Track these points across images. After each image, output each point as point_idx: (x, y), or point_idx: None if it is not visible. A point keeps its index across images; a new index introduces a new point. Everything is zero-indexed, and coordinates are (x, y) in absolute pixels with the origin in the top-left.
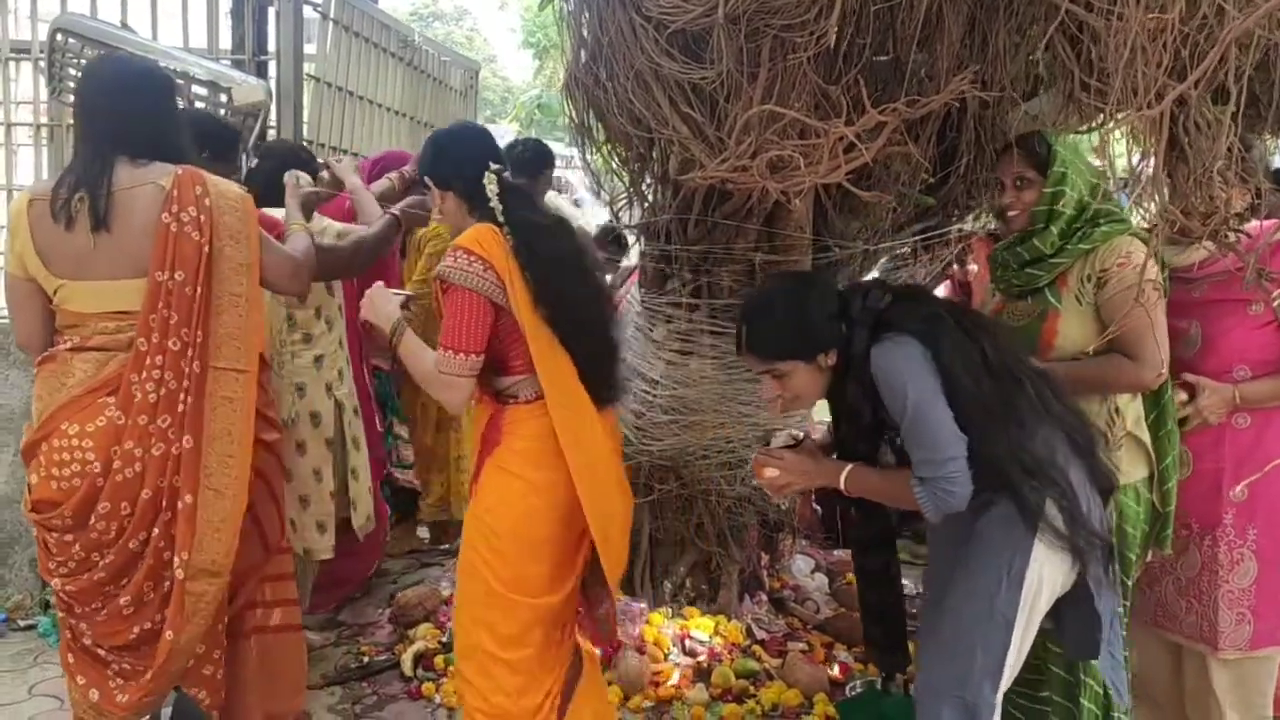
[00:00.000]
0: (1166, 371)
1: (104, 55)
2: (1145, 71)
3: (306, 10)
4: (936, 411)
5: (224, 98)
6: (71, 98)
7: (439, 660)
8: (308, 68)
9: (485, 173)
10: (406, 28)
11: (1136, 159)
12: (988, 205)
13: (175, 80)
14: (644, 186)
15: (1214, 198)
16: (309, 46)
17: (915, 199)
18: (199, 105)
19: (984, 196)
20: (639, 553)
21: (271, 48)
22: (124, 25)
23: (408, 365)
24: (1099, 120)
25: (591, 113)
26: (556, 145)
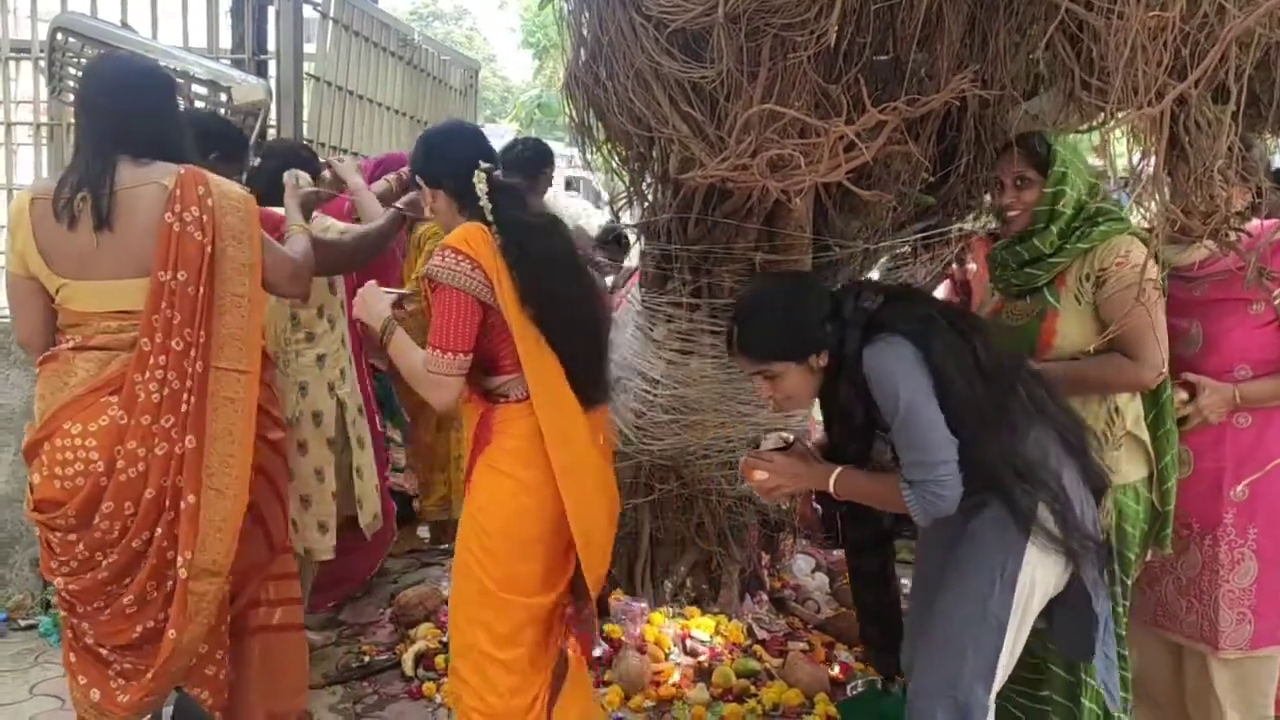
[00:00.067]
0: (1166, 371)
1: (105, 55)
2: (1146, 70)
3: (306, 9)
4: (928, 413)
5: (224, 97)
6: (71, 97)
7: (440, 660)
8: (308, 67)
9: (475, 171)
10: (406, 27)
11: (1137, 158)
12: (988, 205)
13: (176, 80)
14: (644, 186)
15: (1214, 197)
16: (309, 46)
17: (915, 198)
18: (199, 104)
19: (984, 196)
20: (639, 552)
21: (271, 47)
22: (124, 24)
23: (397, 364)
24: (1099, 119)
25: (591, 112)
26: (557, 145)
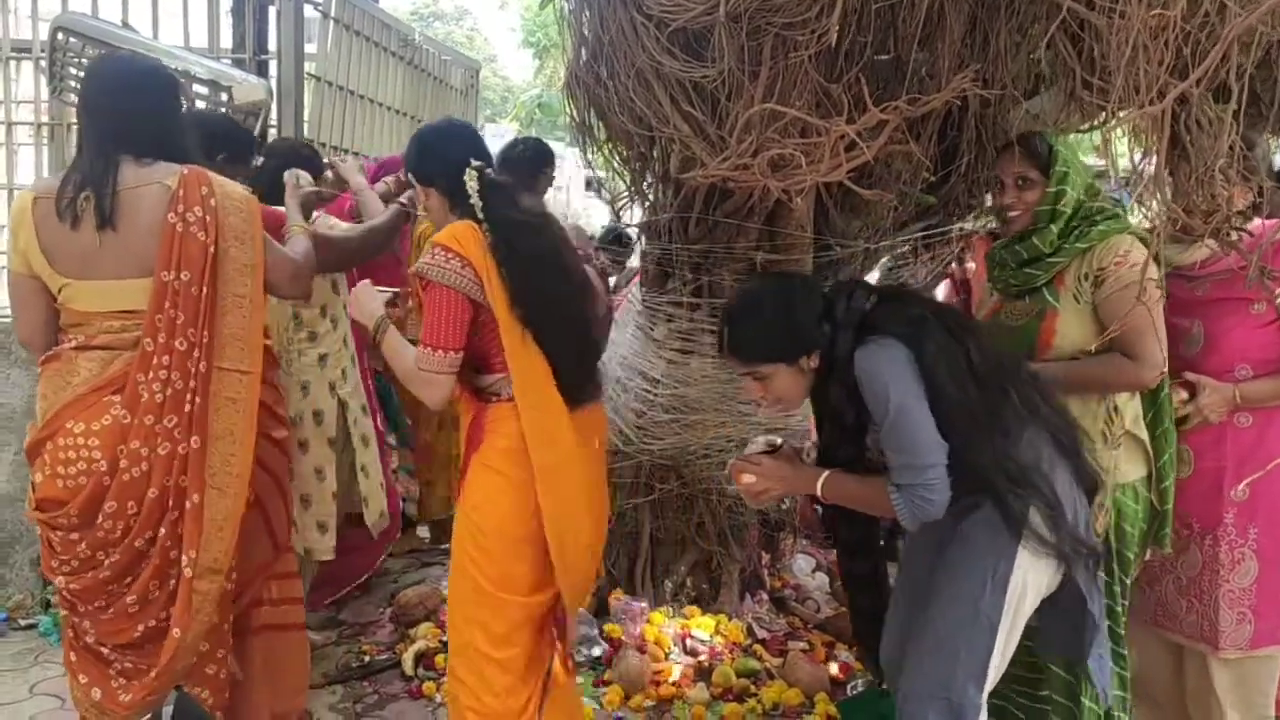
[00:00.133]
0: (1166, 370)
1: (107, 55)
2: (1147, 69)
3: (307, 9)
4: (918, 416)
5: (225, 96)
6: (72, 97)
7: (440, 659)
8: (308, 67)
9: (467, 170)
10: (407, 27)
11: (1138, 157)
12: (989, 204)
13: (179, 79)
14: (645, 185)
15: (1216, 196)
16: (310, 45)
17: (916, 198)
18: (200, 104)
19: (985, 195)
20: (640, 552)
21: (272, 47)
22: (125, 24)
23: (390, 363)
24: (1101, 118)
25: (592, 111)
26: (557, 145)
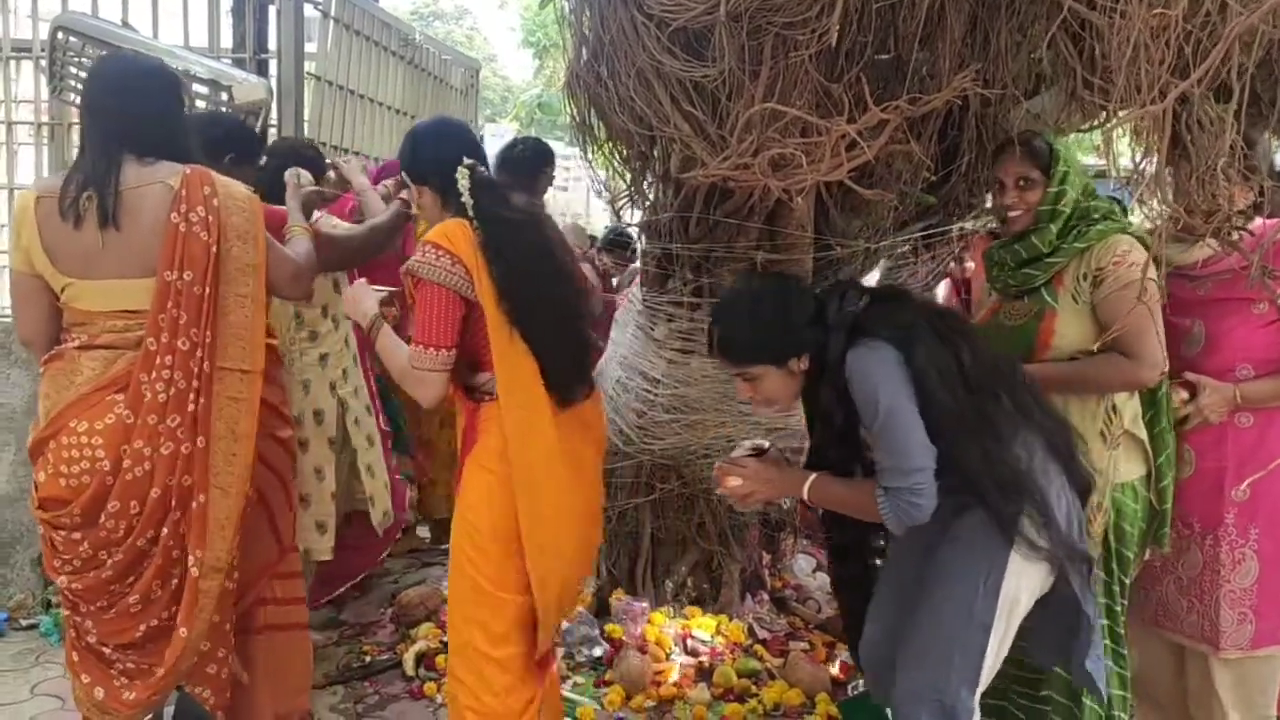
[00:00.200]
0: (1166, 369)
1: (110, 54)
2: (1148, 69)
3: (307, 9)
4: (907, 420)
5: (225, 96)
6: (73, 96)
7: (440, 660)
8: (309, 66)
9: (459, 168)
10: (407, 26)
11: (1139, 156)
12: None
13: (182, 79)
14: (645, 185)
15: (1217, 195)
16: (310, 45)
17: (917, 197)
18: (200, 104)
19: (985, 195)
20: (640, 552)
21: (272, 46)
22: (125, 24)
23: (385, 362)
24: (1101, 118)
25: (593, 111)
26: (557, 144)
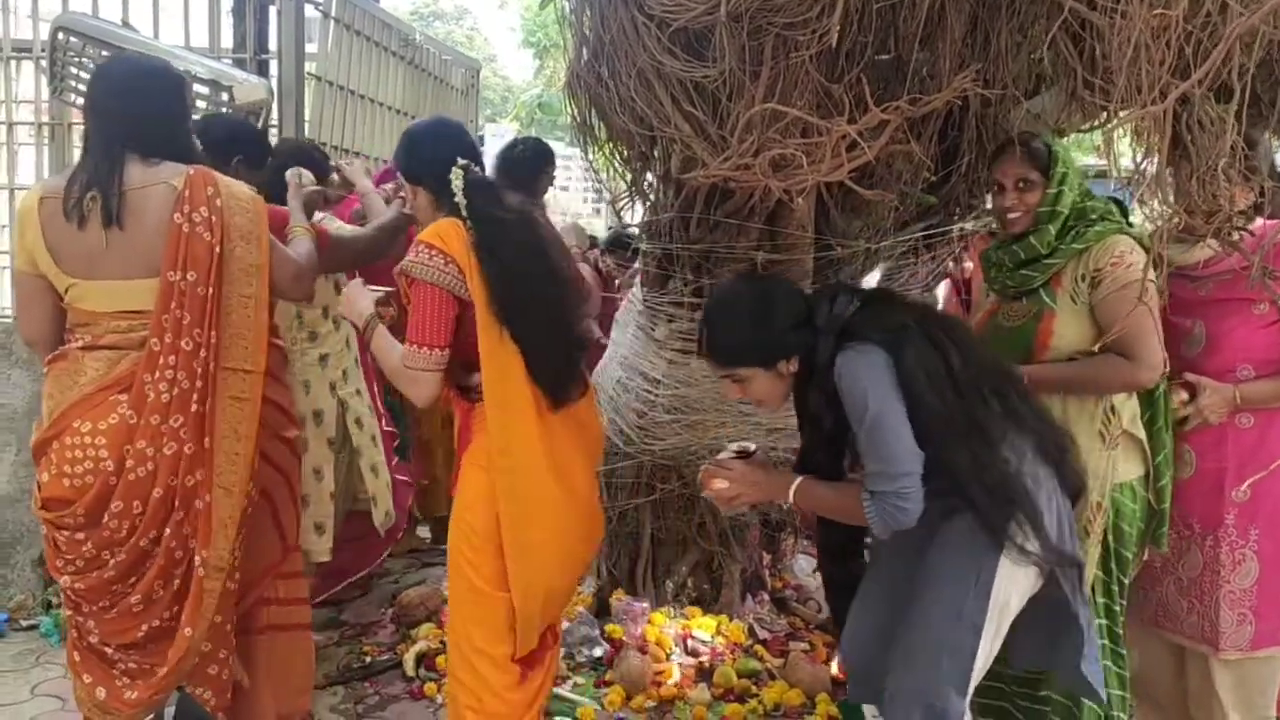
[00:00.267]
0: (1166, 370)
1: (115, 55)
2: (1149, 69)
3: (308, 9)
4: (895, 424)
5: (225, 96)
6: (73, 96)
7: (441, 660)
8: (309, 66)
9: (453, 168)
10: (408, 26)
11: (1140, 157)
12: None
13: (186, 80)
14: (646, 185)
15: (1217, 196)
16: (310, 45)
17: (917, 197)
18: (201, 104)
19: (986, 195)
20: (641, 552)
21: (273, 46)
22: (125, 24)
23: (379, 362)
24: (1102, 118)
25: (593, 111)
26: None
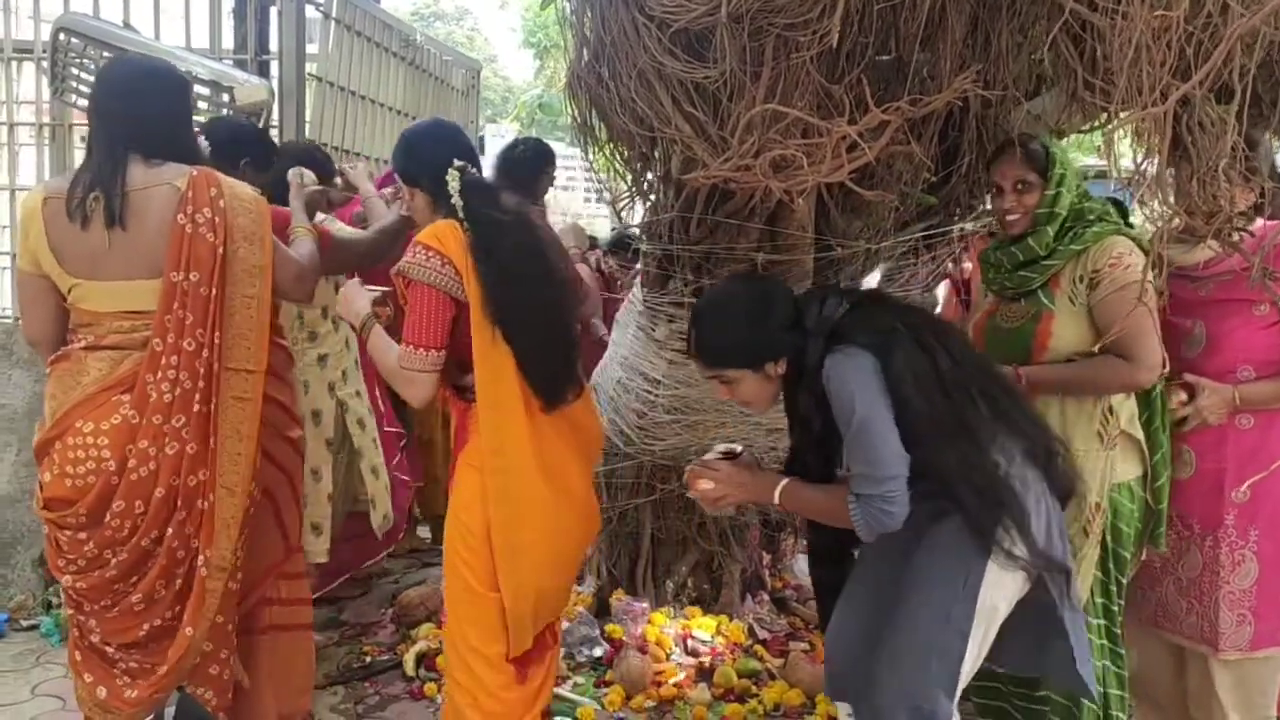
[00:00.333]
0: (1165, 370)
1: (118, 57)
2: (1149, 70)
3: (309, 10)
4: (881, 428)
5: (226, 97)
6: (74, 97)
7: (441, 660)
8: (310, 67)
9: (449, 169)
10: (408, 27)
11: (1141, 158)
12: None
13: (190, 81)
14: (646, 186)
15: (1218, 196)
16: (311, 46)
17: (917, 198)
18: (202, 105)
19: (986, 196)
20: (641, 552)
21: (274, 47)
22: (127, 25)
23: (376, 362)
24: (1102, 119)
25: (594, 112)
26: (558, 145)
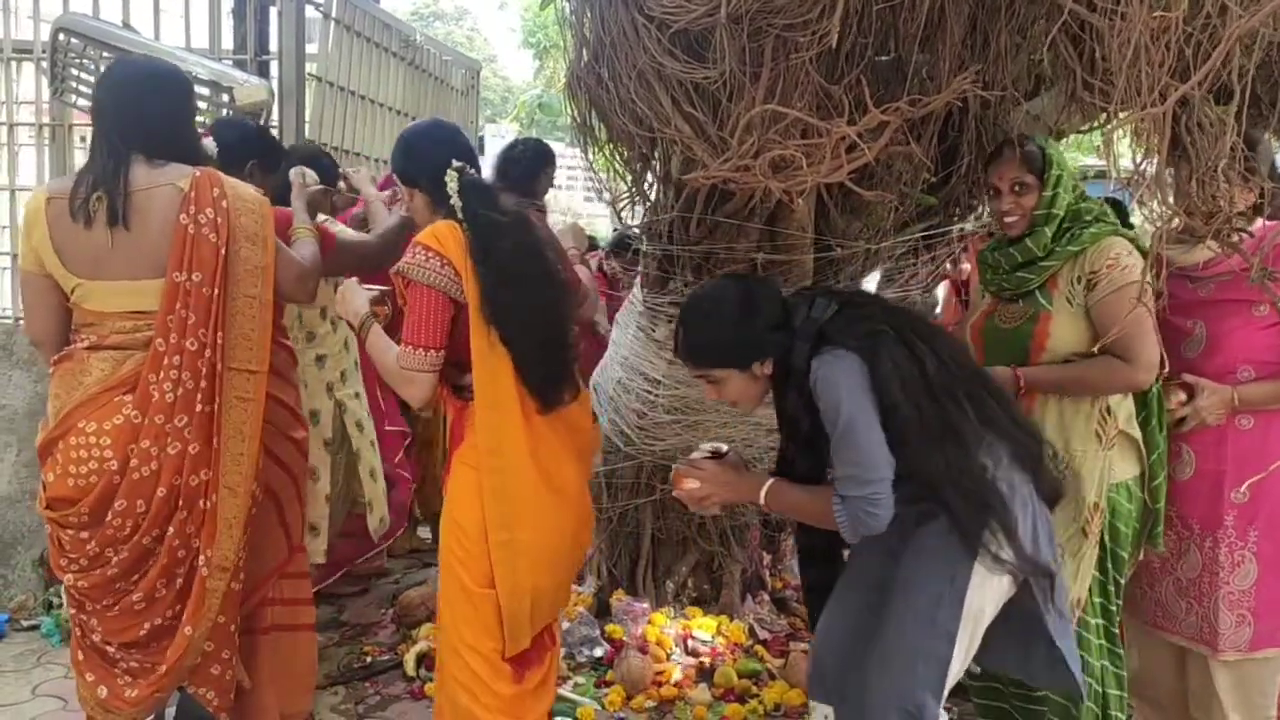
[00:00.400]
0: (1165, 370)
1: (122, 57)
2: (1148, 71)
3: (308, 10)
4: (867, 430)
5: (226, 98)
6: (74, 98)
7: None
8: (310, 67)
9: (448, 170)
10: (408, 27)
11: (1140, 158)
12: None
13: (192, 81)
14: (646, 187)
15: (1217, 197)
16: (311, 46)
17: (917, 198)
18: (201, 105)
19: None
20: (641, 552)
21: (273, 47)
22: (126, 25)
23: (374, 361)
24: (1101, 120)
25: (593, 112)
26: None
